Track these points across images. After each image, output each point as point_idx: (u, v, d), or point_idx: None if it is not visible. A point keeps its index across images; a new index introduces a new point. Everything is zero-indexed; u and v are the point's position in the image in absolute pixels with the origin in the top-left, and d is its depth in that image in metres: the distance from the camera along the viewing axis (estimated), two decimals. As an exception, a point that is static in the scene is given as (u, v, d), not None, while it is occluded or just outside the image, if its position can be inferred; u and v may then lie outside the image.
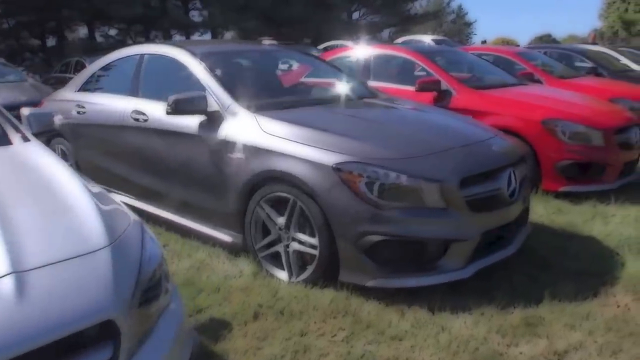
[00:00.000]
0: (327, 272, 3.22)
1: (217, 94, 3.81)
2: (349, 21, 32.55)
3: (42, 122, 3.15)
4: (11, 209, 1.92)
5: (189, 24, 28.56)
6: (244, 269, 3.57)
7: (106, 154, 4.74)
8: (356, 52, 7.17)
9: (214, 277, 3.49)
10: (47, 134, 4.18)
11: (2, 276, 1.55)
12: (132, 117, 4.37)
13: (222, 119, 3.71)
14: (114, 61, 5.06)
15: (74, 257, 1.69)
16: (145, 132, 4.27)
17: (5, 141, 2.75)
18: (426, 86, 5.78)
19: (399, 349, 2.68)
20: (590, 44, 14.16)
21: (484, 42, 29.04)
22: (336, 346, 2.70)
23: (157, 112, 4.08)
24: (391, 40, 29.29)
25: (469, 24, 55.84)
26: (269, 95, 4.16)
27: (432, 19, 40.46)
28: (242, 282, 3.40)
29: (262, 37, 21.17)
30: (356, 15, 34.06)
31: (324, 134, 3.35)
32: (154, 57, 4.58)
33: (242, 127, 3.60)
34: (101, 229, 1.83)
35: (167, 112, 3.74)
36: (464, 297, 3.13)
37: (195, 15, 30.00)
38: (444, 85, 5.80)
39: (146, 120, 4.25)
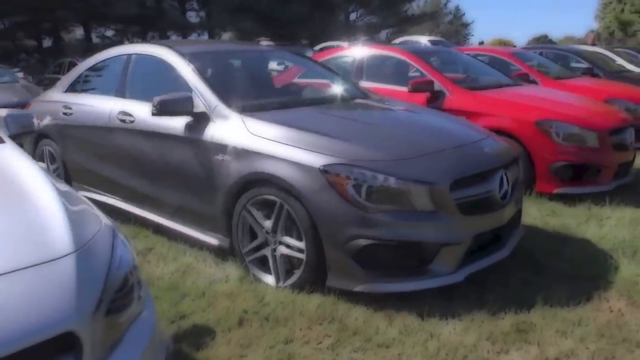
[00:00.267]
0: (315, 277, 3.14)
1: (203, 95, 3.74)
2: (347, 22, 32.47)
3: (21, 124, 3.07)
4: None
5: (186, 24, 28.45)
6: (230, 273, 3.50)
7: (93, 155, 4.66)
8: (349, 53, 7.10)
9: (199, 282, 3.42)
10: (27, 135, 4.10)
11: None
12: (118, 119, 4.29)
13: (209, 120, 3.64)
14: (102, 61, 4.98)
15: (34, 265, 1.61)
16: (131, 134, 4.19)
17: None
18: (419, 87, 5.71)
19: (386, 357, 2.61)
20: (589, 45, 14.08)
21: (481, 43, 29.02)
22: (321, 354, 2.63)
23: (144, 113, 4.01)
24: (388, 41, 29.24)
25: (466, 25, 55.86)
26: (257, 96, 4.09)
27: (429, 19, 40.43)
28: (228, 287, 3.32)
29: (259, 37, 21.16)
30: (353, 16, 33.98)
31: (312, 135, 3.28)
32: (141, 57, 4.51)
33: (229, 129, 3.52)
34: (67, 235, 1.75)
35: (152, 113, 3.67)
36: (454, 303, 3.05)
37: (192, 16, 29.94)
38: (437, 86, 5.73)
39: (133, 121, 4.17)
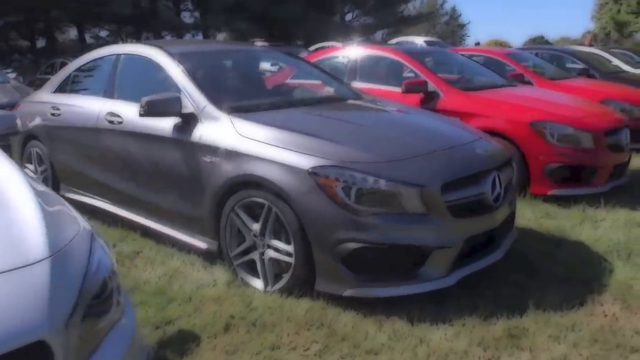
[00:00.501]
0: (304, 281, 3.08)
1: (192, 96, 3.67)
2: (342, 22, 32.41)
3: (4, 125, 3.01)
4: None
5: (180, 25, 28.36)
6: (218, 277, 3.43)
7: (81, 157, 4.59)
8: (343, 53, 7.03)
9: (186, 286, 3.35)
10: (11, 136, 4.03)
11: None
12: (106, 119, 4.22)
13: (197, 122, 3.57)
14: (91, 61, 4.91)
15: (6, 271, 1.55)
16: (119, 135, 4.13)
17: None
18: (413, 87, 5.65)
19: (375, 363, 2.55)
20: (586, 46, 14.03)
21: (478, 44, 28.96)
22: (308, 360, 2.57)
23: (132, 114, 3.93)
24: (384, 41, 29.19)
25: (463, 26, 55.88)
26: (247, 96, 4.02)
27: (425, 20, 40.38)
28: (216, 291, 3.26)
29: (254, 38, 21.07)
30: (349, 16, 33.93)
31: (301, 136, 3.22)
32: (130, 58, 4.44)
33: (217, 130, 3.46)
34: (42, 240, 1.69)
35: (139, 114, 3.61)
36: (445, 307, 3.00)
37: (187, 16, 29.86)
38: (431, 86, 5.67)
39: (121, 122, 4.11)
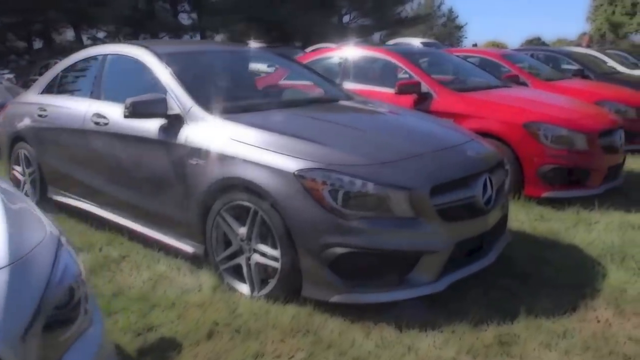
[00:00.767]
0: (290, 287, 3.01)
1: (178, 96, 3.60)
2: (340, 24, 32.36)
3: None
4: None
5: (178, 26, 28.27)
6: (204, 282, 3.35)
7: (67, 159, 4.52)
8: (337, 54, 6.96)
9: (171, 292, 3.27)
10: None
11: None
12: (92, 121, 4.15)
13: (183, 123, 3.50)
14: (78, 62, 4.84)
15: None
16: (105, 137, 4.06)
17: None
18: (406, 88, 5.59)
19: (361, 372, 2.48)
20: (584, 47, 13.98)
21: (475, 45, 28.94)
22: (292, 369, 2.50)
23: (118, 115, 3.86)
24: (382, 43, 29.15)
25: (460, 27, 55.85)
26: (235, 98, 3.95)
27: (422, 22, 40.37)
28: (200, 297, 3.18)
29: (252, 39, 20.99)
30: (347, 18, 33.88)
31: (288, 138, 3.15)
32: (117, 58, 4.37)
33: (203, 131, 3.39)
34: (2, 247, 1.62)
35: (124, 116, 3.54)
36: (434, 313, 2.93)
37: (184, 17, 29.76)
38: (424, 87, 5.60)
39: (107, 123, 4.04)
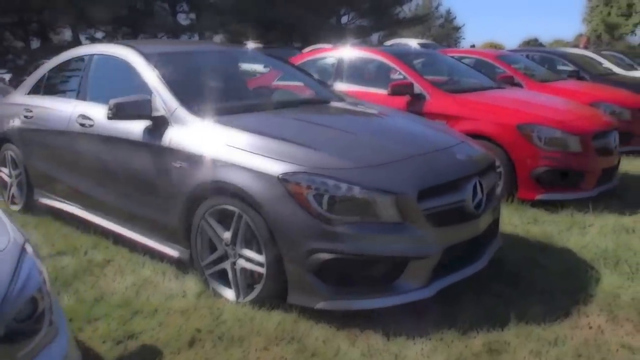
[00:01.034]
0: (276, 293, 2.94)
1: (163, 97, 3.53)
2: (338, 25, 32.30)
3: None
4: None
5: (176, 27, 28.19)
6: (189, 288, 3.28)
7: (53, 161, 4.45)
8: (330, 55, 6.89)
9: (154, 297, 3.20)
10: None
11: None
12: (78, 122, 4.08)
13: (167, 125, 3.43)
14: (65, 62, 4.76)
15: None
16: (90, 138, 3.99)
17: None
18: (399, 89, 5.52)
19: (345, 381, 2.41)
20: (581, 48, 13.93)
21: (473, 46, 28.92)
22: (275, 379, 2.43)
23: (103, 116, 3.77)
24: (380, 44, 29.10)
25: (457, 28, 55.81)
26: (222, 99, 3.87)
27: (420, 23, 40.33)
28: (184, 303, 3.11)
29: (250, 40, 20.89)
30: (345, 19, 33.82)
31: (273, 141, 3.07)
32: (103, 58, 4.30)
33: (187, 134, 3.32)
34: None
35: (107, 117, 3.47)
36: (423, 320, 2.86)
37: (183, 18, 29.67)
38: (417, 88, 5.53)
39: (92, 125, 3.96)
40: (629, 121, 7.05)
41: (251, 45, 17.56)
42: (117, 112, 3.42)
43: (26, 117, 4.70)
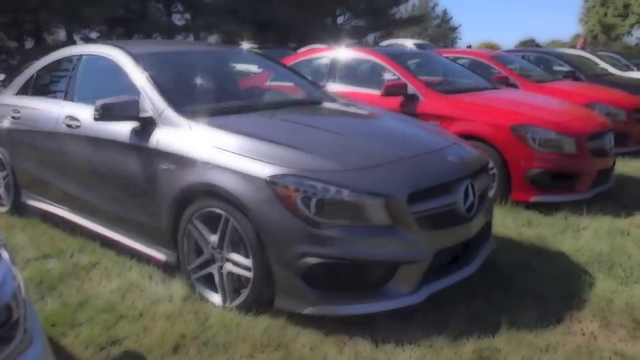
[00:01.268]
0: (263, 297, 2.88)
1: (151, 98, 3.47)
2: (334, 25, 32.25)
3: None
4: None
5: (171, 27, 28.09)
6: (176, 292, 3.22)
7: (41, 162, 4.38)
8: (324, 55, 6.84)
9: (139, 302, 3.14)
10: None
11: None
12: (65, 123, 4.01)
13: (155, 126, 3.37)
14: (53, 62, 4.69)
15: None
16: (77, 140, 3.92)
17: None
18: (392, 90, 5.47)
19: (331, 390, 2.35)
20: (578, 49, 13.91)
21: (469, 46, 28.94)
22: (260, 387, 2.37)
23: (90, 117, 3.71)
24: (376, 44, 29.08)
25: (454, 29, 55.84)
26: (210, 100, 3.81)
27: (416, 23, 40.31)
28: (170, 307, 3.05)
29: (245, 40, 20.83)
30: (341, 19, 33.77)
31: (261, 143, 3.01)
32: (90, 58, 4.23)
33: (174, 135, 3.26)
34: None
35: (94, 118, 3.40)
36: (412, 326, 2.80)
37: (178, 18, 29.57)
38: (411, 89, 5.48)
39: (79, 126, 3.90)
40: (625, 122, 7.02)
41: (246, 45, 17.52)
42: (104, 113, 3.36)
43: (14, 117, 4.64)
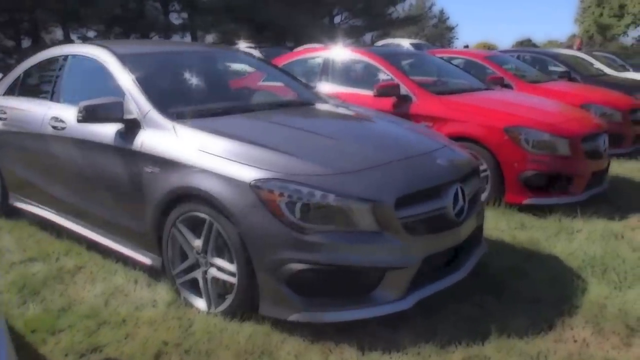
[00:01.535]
0: (248, 303, 2.82)
1: (136, 99, 3.40)
2: (331, 25, 32.20)
3: None
4: None
5: (168, 26, 28.02)
6: (160, 297, 3.16)
7: (27, 164, 4.31)
8: (317, 55, 6.76)
9: (123, 307, 3.07)
10: None
11: None
12: (50, 125, 3.95)
13: (139, 128, 3.30)
14: (40, 62, 4.61)
15: None
16: (63, 141, 3.85)
17: None
18: (385, 91, 5.41)
19: (315, 400, 2.29)
20: (575, 49, 13.87)
21: (466, 46, 28.93)
22: (241, 397, 2.31)
23: (75, 119, 3.65)
24: (372, 43, 29.04)
25: (451, 28, 55.83)
26: (198, 101, 3.74)
27: (413, 23, 40.33)
28: (154, 313, 2.98)
29: (242, 39, 20.74)
30: (338, 19, 33.72)
31: (247, 146, 2.95)
32: (77, 59, 4.16)
33: (159, 137, 3.19)
34: None
35: (77, 120, 3.34)
36: (400, 333, 2.74)
37: (175, 17, 29.49)
38: (404, 90, 5.42)
39: (64, 128, 3.83)
40: (620, 123, 6.97)
41: (243, 45, 17.44)
42: (87, 115, 3.29)
43: (0, 118, 4.56)
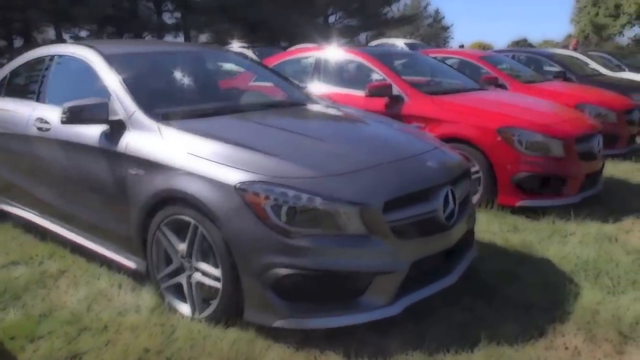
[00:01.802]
0: (233, 309, 2.75)
1: (121, 100, 3.33)
2: (325, 25, 32.12)
3: None
4: None
5: (161, 26, 27.89)
6: (144, 302, 3.09)
7: (12, 166, 4.23)
8: (309, 55, 6.70)
9: (106, 313, 3.00)
10: None
11: None
12: (35, 126, 3.87)
13: (125, 129, 3.23)
14: (27, 62, 4.52)
15: None
16: (47, 143, 3.78)
17: None
18: (376, 91, 5.34)
19: (299, 410, 2.23)
20: (571, 49, 13.85)
21: (462, 46, 28.93)
22: (223, 407, 2.24)
23: (60, 120, 3.58)
24: (366, 43, 28.98)
25: (446, 28, 55.80)
26: (185, 102, 3.68)
27: (408, 22, 40.26)
28: (136, 318, 2.91)
29: (236, 39, 20.65)
30: (332, 18, 33.65)
31: (233, 148, 2.88)
32: (62, 59, 4.08)
33: (144, 139, 3.12)
34: None
35: (61, 121, 3.26)
36: (388, 340, 2.68)
37: (168, 17, 29.36)
38: (396, 90, 5.36)
39: (49, 129, 3.76)
40: (615, 123, 6.92)
41: (236, 44, 17.34)
42: (72, 116, 3.22)
43: (-15, 119, 4.48)
